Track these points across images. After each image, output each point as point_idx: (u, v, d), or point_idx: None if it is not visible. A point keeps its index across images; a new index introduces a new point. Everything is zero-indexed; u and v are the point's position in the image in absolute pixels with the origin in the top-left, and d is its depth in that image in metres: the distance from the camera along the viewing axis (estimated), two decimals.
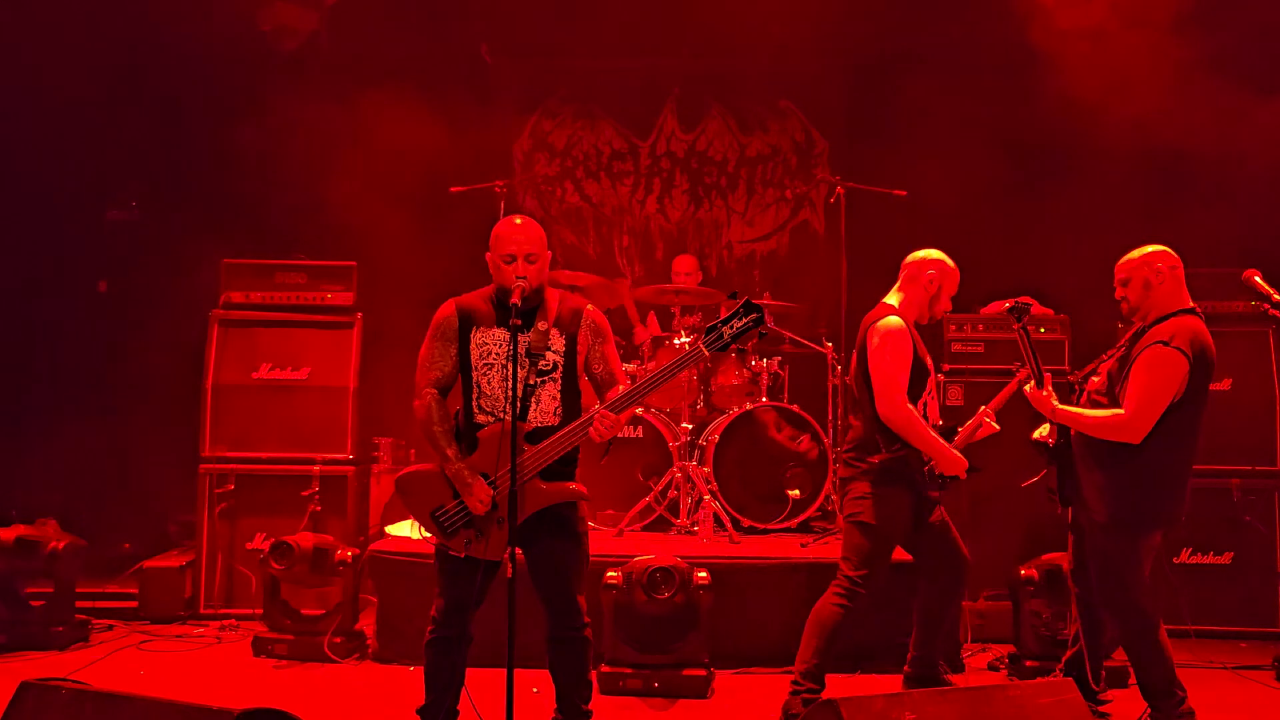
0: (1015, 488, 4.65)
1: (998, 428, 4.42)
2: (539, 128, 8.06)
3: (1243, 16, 6.39)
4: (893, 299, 4.42)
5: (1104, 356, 4.29)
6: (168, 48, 6.81)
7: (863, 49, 7.42)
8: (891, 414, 4.17)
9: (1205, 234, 6.23)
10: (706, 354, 3.67)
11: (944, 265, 4.42)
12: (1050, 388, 4.17)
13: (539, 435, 3.68)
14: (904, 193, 6.40)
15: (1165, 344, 3.91)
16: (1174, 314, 4.03)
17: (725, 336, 3.64)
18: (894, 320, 4.24)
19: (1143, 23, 6.56)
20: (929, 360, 4.35)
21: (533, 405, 3.71)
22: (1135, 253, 4.19)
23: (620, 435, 6.03)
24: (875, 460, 4.22)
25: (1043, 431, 4.30)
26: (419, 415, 3.78)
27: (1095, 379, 4.26)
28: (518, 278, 3.63)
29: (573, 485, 3.74)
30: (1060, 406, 4.11)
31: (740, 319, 3.63)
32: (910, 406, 4.19)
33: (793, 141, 8.06)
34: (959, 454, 4.25)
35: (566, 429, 3.67)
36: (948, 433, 4.36)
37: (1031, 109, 7.01)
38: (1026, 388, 4.21)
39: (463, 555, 3.65)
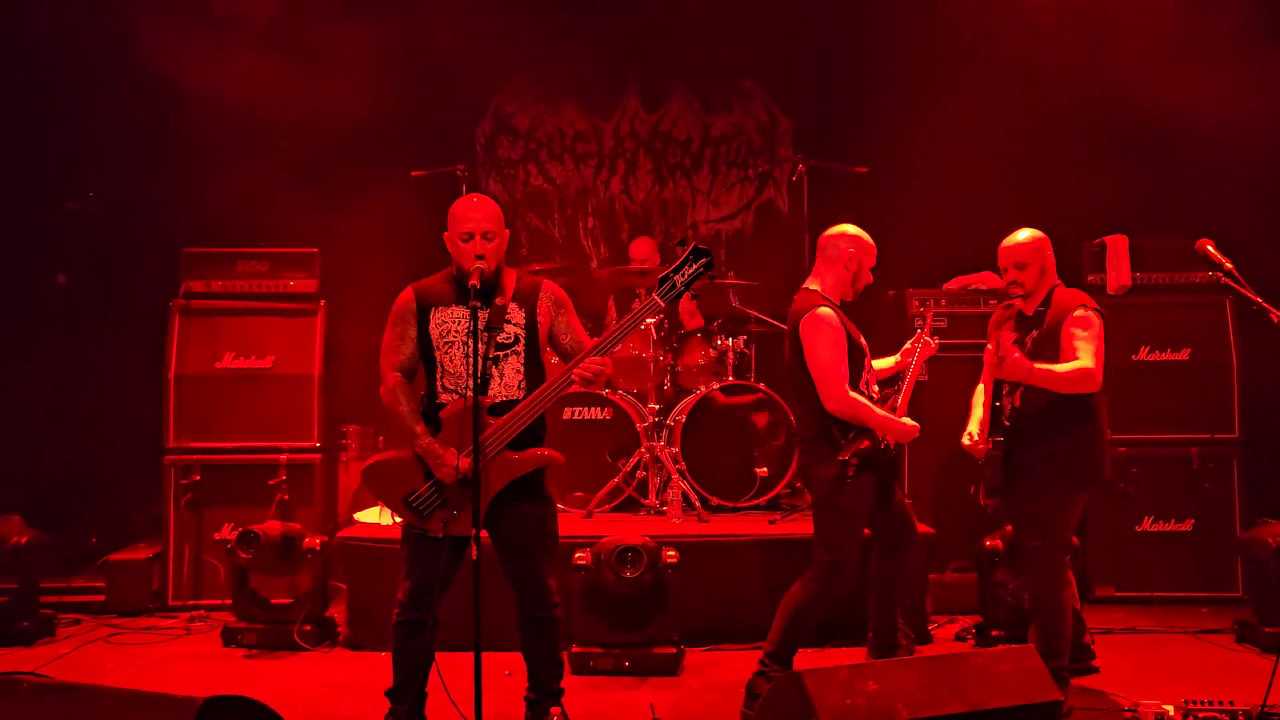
0: (979, 461, 4.67)
1: (924, 377, 4.47)
2: (501, 110, 8.01)
3: None
4: (814, 284, 4.36)
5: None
6: (121, 34, 6.70)
7: (824, 29, 7.42)
8: (837, 407, 4.15)
9: (1158, 205, 6.33)
10: (662, 304, 3.69)
11: (861, 241, 4.36)
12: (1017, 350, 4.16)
13: (503, 409, 3.68)
14: (865, 169, 6.42)
15: (1085, 306, 4.18)
16: (1058, 286, 4.31)
17: (678, 285, 3.68)
18: (824, 310, 4.19)
19: None
20: (862, 340, 4.32)
21: (495, 379, 3.72)
22: (1023, 236, 4.34)
23: (587, 417, 6.10)
24: (837, 448, 4.19)
25: (972, 435, 4.39)
26: (385, 400, 3.78)
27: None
28: (476, 256, 3.63)
29: (543, 450, 3.74)
30: (1036, 366, 4.09)
31: (690, 265, 3.67)
32: (853, 394, 4.17)
33: (756, 121, 8.06)
34: (909, 422, 4.26)
35: (535, 393, 3.66)
36: (888, 382, 4.42)
37: (991, 85, 7.05)
38: (994, 354, 4.09)
39: (441, 535, 3.63)
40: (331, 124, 6.96)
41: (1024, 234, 4.34)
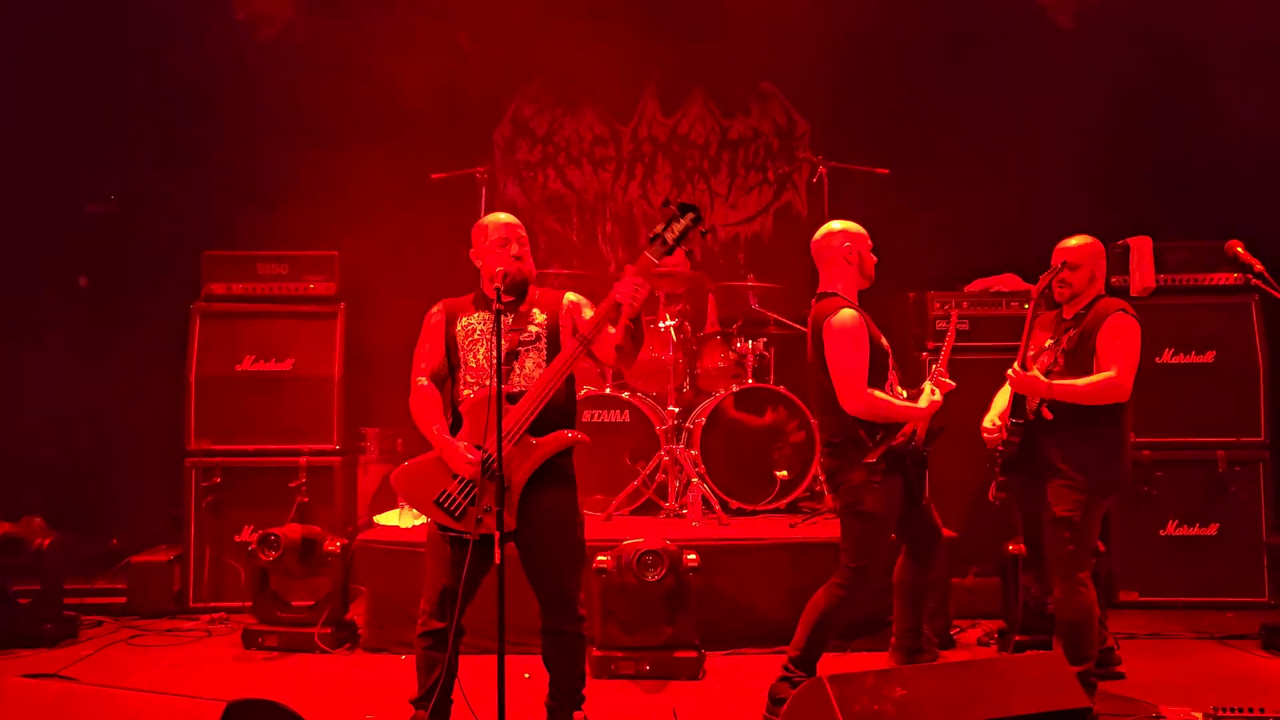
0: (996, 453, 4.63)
1: (953, 384, 4.43)
2: (519, 114, 8.00)
3: None
4: (829, 288, 4.31)
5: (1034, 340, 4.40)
6: (145, 38, 6.74)
7: (843, 31, 7.38)
8: (857, 406, 4.11)
9: (1184, 208, 6.27)
10: (655, 262, 3.64)
11: (849, 232, 4.32)
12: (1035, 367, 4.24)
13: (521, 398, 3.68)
14: (886, 170, 6.37)
15: (1125, 312, 4.21)
16: (1103, 296, 4.35)
17: (669, 241, 3.65)
18: (847, 314, 4.14)
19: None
20: (884, 340, 4.27)
21: (516, 369, 3.73)
22: (1082, 240, 4.39)
23: (606, 419, 6.09)
24: (867, 451, 4.14)
25: (994, 422, 4.43)
26: (411, 405, 3.81)
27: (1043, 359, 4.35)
28: (514, 257, 3.75)
29: (565, 432, 3.71)
30: (1055, 382, 4.15)
31: (678, 221, 3.65)
32: (870, 390, 4.12)
33: (774, 124, 8.02)
34: (927, 401, 4.24)
35: (552, 364, 3.67)
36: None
37: (1012, 87, 7.01)
38: (1010, 372, 4.24)
39: (475, 536, 3.59)
40: (352, 126, 6.99)
41: (1083, 238, 4.38)
